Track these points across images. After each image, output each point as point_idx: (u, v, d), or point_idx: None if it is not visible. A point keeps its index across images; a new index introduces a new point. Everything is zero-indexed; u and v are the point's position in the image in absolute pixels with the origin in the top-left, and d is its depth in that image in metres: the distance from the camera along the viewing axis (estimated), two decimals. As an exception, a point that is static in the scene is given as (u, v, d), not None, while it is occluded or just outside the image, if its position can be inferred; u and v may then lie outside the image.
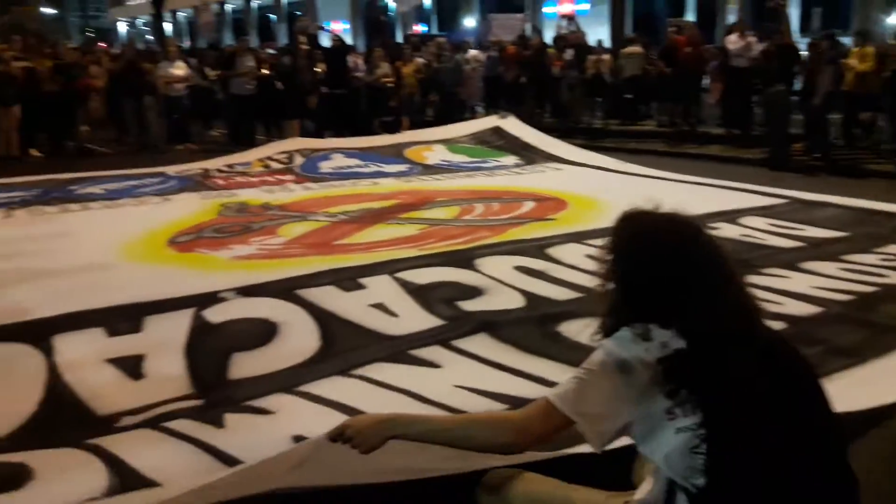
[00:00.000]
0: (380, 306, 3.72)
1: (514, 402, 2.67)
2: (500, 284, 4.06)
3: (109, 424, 2.60)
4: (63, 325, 3.45)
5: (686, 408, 1.37)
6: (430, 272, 4.23)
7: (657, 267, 1.46)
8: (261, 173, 8.13)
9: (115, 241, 5.22)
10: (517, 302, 3.82)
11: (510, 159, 8.92)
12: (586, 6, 21.91)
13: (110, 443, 2.43)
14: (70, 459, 2.32)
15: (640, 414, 1.41)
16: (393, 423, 1.60)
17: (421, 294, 3.87)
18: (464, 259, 4.48)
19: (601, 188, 7.01)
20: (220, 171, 8.23)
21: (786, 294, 3.90)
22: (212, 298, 3.75)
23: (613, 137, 11.79)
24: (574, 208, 6.18)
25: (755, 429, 1.36)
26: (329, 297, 3.83)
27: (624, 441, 1.49)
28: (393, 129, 11.18)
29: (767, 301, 3.84)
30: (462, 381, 2.92)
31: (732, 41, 10.69)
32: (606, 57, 12.93)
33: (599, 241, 1.65)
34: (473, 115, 12.71)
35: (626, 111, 12.69)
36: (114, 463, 2.29)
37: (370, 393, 2.81)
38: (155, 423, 2.58)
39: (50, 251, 4.95)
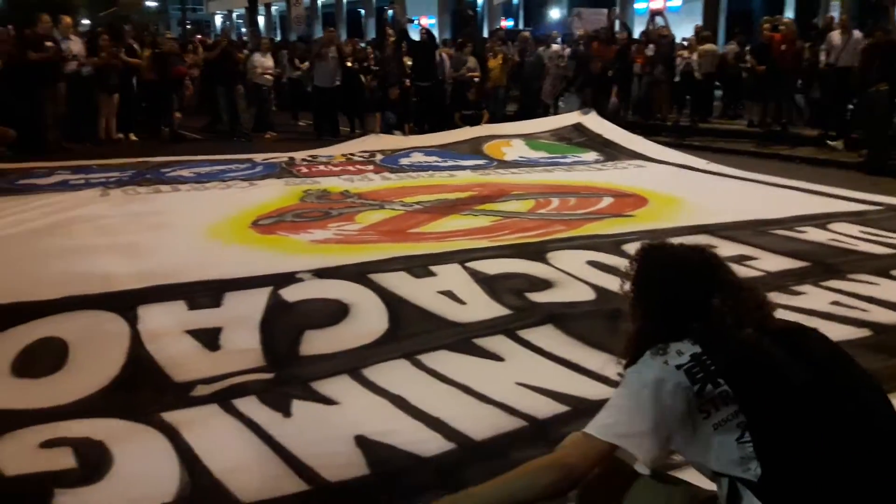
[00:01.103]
0: (448, 293, 3.76)
1: (575, 401, 2.65)
2: (571, 278, 4.03)
3: (184, 392, 2.73)
4: (148, 296, 3.64)
5: (717, 403, 1.40)
6: (501, 263, 4.24)
7: (672, 284, 1.56)
8: (343, 163, 8.30)
9: (201, 221, 5.46)
10: (587, 295, 3.78)
11: (591, 155, 8.80)
12: (678, 2, 21.34)
13: (181, 421, 2.50)
14: (145, 443, 2.39)
15: (677, 423, 1.43)
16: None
17: (490, 284, 3.89)
18: (536, 251, 4.47)
19: (684, 187, 6.84)
20: (304, 160, 8.45)
21: (872, 301, 3.72)
22: (289, 279, 3.87)
23: (701, 136, 11.46)
24: (655, 205, 6.05)
25: (791, 403, 1.38)
26: (400, 282, 3.89)
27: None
28: (473, 122, 11.21)
29: (851, 307, 3.67)
30: (523, 377, 2.90)
31: (835, 39, 10.21)
32: (696, 54, 12.58)
33: (680, 241, 1.71)
34: (553, 111, 12.61)
35: (708, 109, 12.31)
36: (185, 453, 2.32)
37: (431, 387, 2.83)
38: (225, 399, 2.66)
39: (139, 227, 5.22)
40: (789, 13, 20.30)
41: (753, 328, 1.48)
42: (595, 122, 9.93)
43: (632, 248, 4.48)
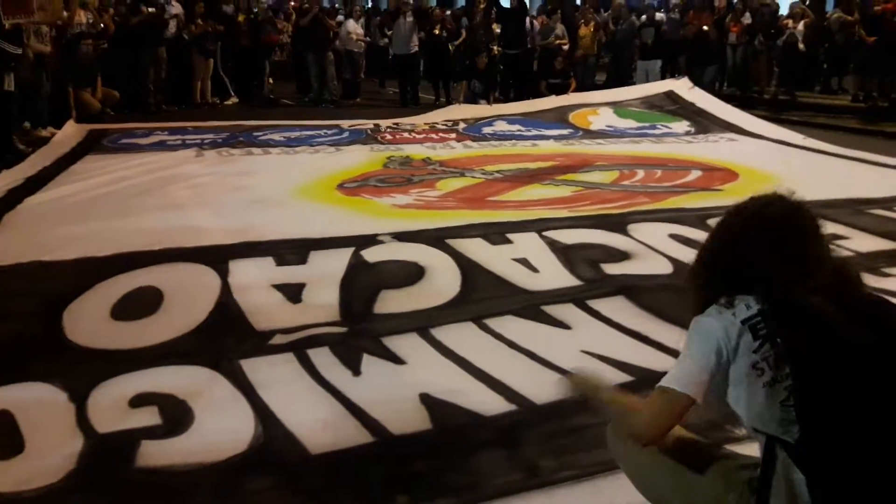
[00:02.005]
0: (523, 261, 3.78)
1: (640, 372, 2.64)
2: (650, 250, 3.98)
3: (264, 341, 2.88)
4: (240, 252, 3.83)
5: (771, 363, 1.41)
6: (580, 233, 4.23)
7: (744, 235, 1.53)
8: (426, 131, 8.38)
9: (289, 182, 5.65)
10: (664, 268, 3.73)
11: (681, 125, 8.52)
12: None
13: (258, 372, 2.63)
14: (223, 399, 2.50)
15: (735, 376, 1.45)
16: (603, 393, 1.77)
17: (566, 253, 3.89)
18: (616, 223, 4.42)
19: (778, 162, 6.58)
20: (389, 127, 8.57)
21: None
22: (370, 240, 3.99)
23: (800, 111, 10.92)
24: (745, 180, 5.83)
25: (841, 377, 1.39)
26: (476, 248, 3.94)
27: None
28: (560, 91, 11.04)
29: None
30: (589, 346, 2.91)
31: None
32: (801, 24, 11.95)
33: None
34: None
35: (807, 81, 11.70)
36: (260, 409, 2.42)
37: (496, 350, 2.88)
38: (300, 349, 2.79)
39: (231, 187, 5.46)
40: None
41: (825, 297, 1.45)
42: (688, 90, 9.61)
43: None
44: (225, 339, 2.87)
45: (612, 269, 3.71)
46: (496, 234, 4.21)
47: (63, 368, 2.63)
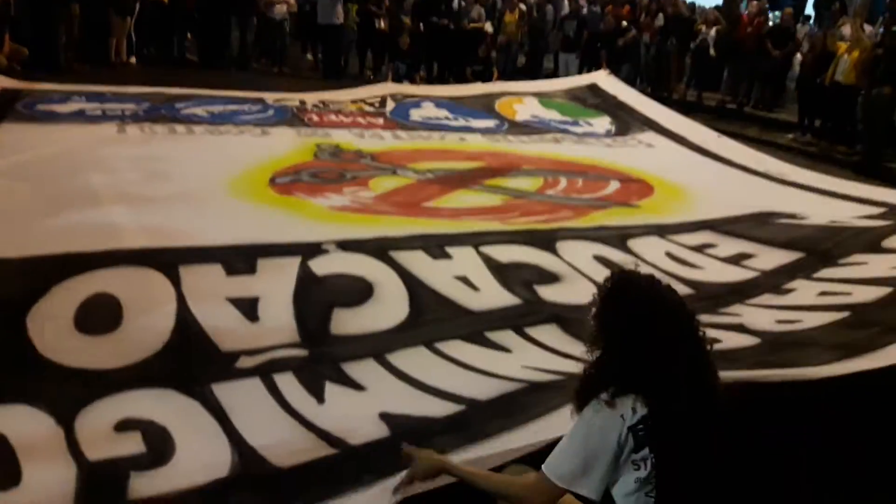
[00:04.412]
0: (463, 279, 4.04)
1: (571, 375, 2.97)
2: (578, 274, 4.31)
3: (230, 363, 3.04)
4: (187, 256, 3.86)
5: (647, 463, 1.76)
6: (513, 250, 4.50)
7: (633, 333, 1.77)
8: (353, 113, 8.42)
9: (220, 173, 5.62)
10: (588, 295, 4.06)
11: (603, 122, 8.88)
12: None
13: (229, 397, 2.81)
14: (199, 425, 2.68)
15: (617, 468, 1.78)
16: (450, 467, 2.04)
17: (502, 272, 4.17)
18: (546, 240, 4.71)
19: (692, 175, 6.93)
20: (315, 106, 8.55)
21: (857, 282, 4.09)
22: (315, 249, 4.12)
23: (705, 112, 11.50)
24: (660, 195, 6.23)
25: (696, 487, 1.79)
26: (418, 263, 4.15)
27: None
28: (484, 79, 11.27)
29: (836, 293, 4.02)
30: (529, 362, 3.27)
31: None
32: (713, 30, 12.57)
33: (682, 238, 1.95)
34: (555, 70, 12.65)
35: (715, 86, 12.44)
36: (232, 434, 2.62)
37: (446, 369, 3.20)
38: (266, 374, 2.98)
39: (160, 175, 5.37)
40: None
41: (700, 401, 1.77)
42: (611, 84, 9.96)
43: (636, 244, 4.87)
44: (192, 361, 3.01)
45: (544, 292, 4.03)
46: (435, 246, 4.43)
47: (42, 388, 2.71)
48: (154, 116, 7.21)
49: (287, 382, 2.94)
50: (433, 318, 3.61)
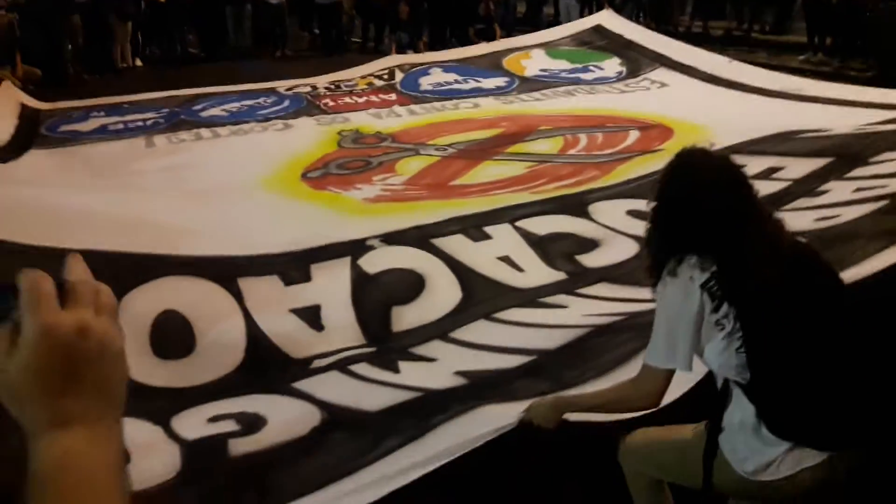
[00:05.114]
0: (507, 259, 4.18)
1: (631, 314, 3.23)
2: (615, 233, 4.37)
3: (306, 366, 3.25)
4: (243, 267, 4.01)
5: (729, 318, 1.79)
6: (548, 221, 4.57)
7: (693, 198, 1.83)
8: (365, 91, 8.50)
9: (252, 174, 5.78)
10: (631, 251, 4.09)
11: (612, 64, 8.86)
12: None
13: (313, 384, 3.05)
14: (289, 404, 2.95)
15: (701, 333, 1.83)
16: (565, 403, 2.16)
17: (543, 247, 4.28)
18: (577, 204, 4.80)
19: (709, 109, 6.89)
20: (327, 88, 8.63)
21: (892, 175, 4.16)
22: (362, 246, 4.26)
23: (712, 44, 11.42)
24: (680, 136, 6.18)
25: (783, 326, 1.79)
26: (460, 248, 4.27)
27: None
28: (489, 38, 11.21)
29: (872, 187, 4.06)
30: (590, 311, 3.49)
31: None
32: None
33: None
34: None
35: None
36: (321, 404, 2.89)
37: (515, 333, 3.40)
38: (342, 366, 3.20)
39: (198, 188, 5.54)
40: None
41: (764, 253, 1.80)
42: (616, 23, 9.87)
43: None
44: (269, 371, 3.23)
45: (587, 260, 4.17)
46: (472, 227, 4.54)
47: (132, 405, 2.91)
48: (177, 123, 7.37)
49: (362, 368, 3.17)
50: (485, 299, 3.78)
